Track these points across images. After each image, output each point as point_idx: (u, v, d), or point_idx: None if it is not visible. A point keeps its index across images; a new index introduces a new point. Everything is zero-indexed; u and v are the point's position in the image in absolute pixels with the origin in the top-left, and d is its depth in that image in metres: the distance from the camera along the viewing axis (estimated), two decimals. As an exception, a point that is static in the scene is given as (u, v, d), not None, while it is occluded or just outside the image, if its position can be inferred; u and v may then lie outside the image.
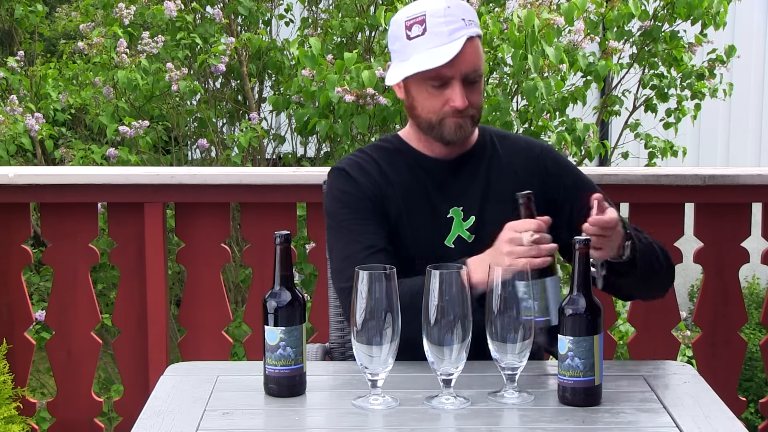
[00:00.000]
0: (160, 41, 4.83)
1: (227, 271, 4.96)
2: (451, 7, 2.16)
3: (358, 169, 2.26)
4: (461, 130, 2.20)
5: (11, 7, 6.04)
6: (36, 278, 5.15)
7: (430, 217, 2.24)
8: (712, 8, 4.93)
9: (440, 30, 2.13)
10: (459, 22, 2.15)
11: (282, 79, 5.18)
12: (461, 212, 2.24)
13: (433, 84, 2.16)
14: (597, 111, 5.68)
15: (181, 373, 2.09)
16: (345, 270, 2.17)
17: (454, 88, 2.15)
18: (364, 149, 2.33)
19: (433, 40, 2.14)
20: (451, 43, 2.13)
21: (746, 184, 3.10)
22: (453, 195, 2.25)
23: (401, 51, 2.19)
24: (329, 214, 2.28)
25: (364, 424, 1.80)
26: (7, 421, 3.05)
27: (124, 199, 3.14)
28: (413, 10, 2.18)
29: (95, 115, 5.06)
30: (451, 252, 2.21)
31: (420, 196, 2.25)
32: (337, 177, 2.28)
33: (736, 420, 1.81)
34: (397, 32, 2.20)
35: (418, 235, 2.22)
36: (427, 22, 2.14)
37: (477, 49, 2.18)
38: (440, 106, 2.18)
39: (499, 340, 1.82)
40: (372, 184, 2.24)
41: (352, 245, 2.19)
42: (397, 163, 2.28)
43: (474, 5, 4.66)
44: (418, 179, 2.26)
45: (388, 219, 2.23)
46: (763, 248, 3.19)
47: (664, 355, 3.17)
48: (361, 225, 2.21)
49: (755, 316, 6.30)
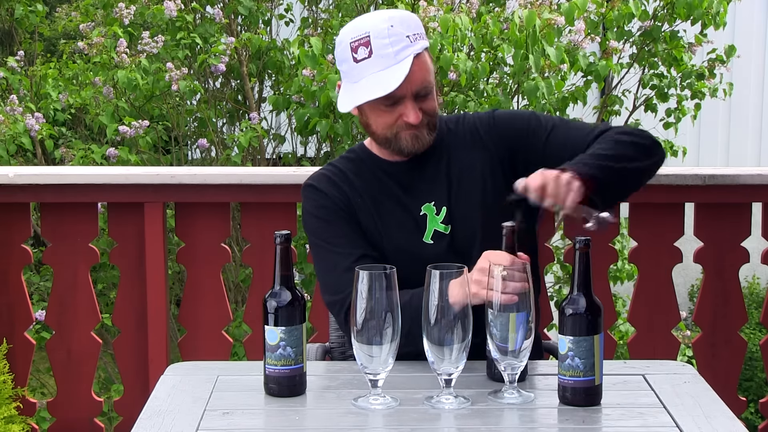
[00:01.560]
0: (160, 41, 4.83)
1: (227, 271, 4.96)
2: (395, 26, 2.13)
3: (326, 182, 2.29)
4: (418, 141, 2.21)
5: (11, 6, 6.04)
6: (36, 278, 5.15)
7: (404, 218, 2.25)
8: (712, 8, 4.94)
9: (386, 52, 2.12)
10: (404, 41, 2.13)
11: (282, 78, 5.19)
12: (433, 207, 2.25)
13: (385, 104, 2.16)
14: (597, 111, 5.68)
15: (181, 372, 2.09)
16: (330, 284, 2.20)
17: (405, 104, 2.16)
18: (333, 162, 2.35)
19: (379, 62, 2.12)
20: (399, 64, 2.12)
21: (746, 183, 3.10)
22: (422, 192, 2.26)
23: (350, 73, 2.18)
24: (308, 232, 2.30)
25: (365, 424, 1.80)
26: (7, 420, 3.05)
27: (124, 199, 3.14)
28: (356, 30, 2.16)
29: (95, 115, 5.06)
30: (431, 247, 2.22)
31: (390, 201, 2.26)
32: (308, 194, 2.30)
33: (736, 420, 1.80)
34: (343, 54, 2.18)
35: (396, 238, 2.23)
36: (372, 44, 2.12)
37: (425, 64, 2.17)
38: (394, 122, 2.19)
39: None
40: (341, 195, 2.26)
41: (333, 257, 2.21)
42: (363, 172, 2.29)
43: (474, 5, 4.66)
44: (385, 185, 2.27)
45: (363, 228, 2.24)
46: (763, 248, 3.19)
47: (664, 355, 3.17)
48: (339, 237, 2.23)
49: (755, 316, 6.30)
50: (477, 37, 4.42)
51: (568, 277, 5.21)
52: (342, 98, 2.22)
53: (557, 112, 4.71)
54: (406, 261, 2.12)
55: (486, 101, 4.50)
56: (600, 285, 3.14)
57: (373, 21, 2.16)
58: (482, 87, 4.63)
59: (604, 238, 3.16)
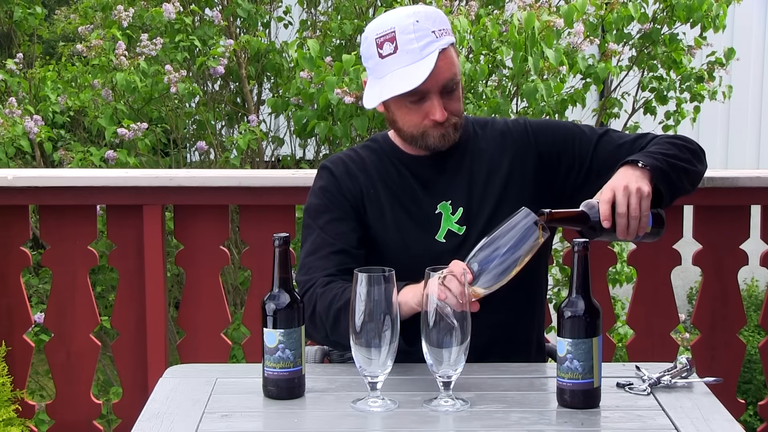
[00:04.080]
0: (158, 43, 4.83)
1: (226, 274, 4.96)
2: (420, 21, 2.13)
3: (342, 167, 2.28)
4: (444, 139, 2.21)
5: (10, 9, 6.04)
6: (35, 280, 5.15)
7: (418, 214, 2.24)
8: (711, 11, 4.94)
9: (411, 47, 2.12)
10: (429, 36, 2.12)
11: (281, 81, 5.19)
12: (449, 206, 2.24)
13: (411, 100, 2.16)
14: (596, 113, 5.69)
15: (180, 375, 2.09)
16: (305, 265, 2.20)
17: (432, 101, 2.15)
18: (356, 148, 2.35)
19: (405, 58, 2.12)
20: (424, 60, 2.11)
21: (745, 186, 3.09)
22: (440, 190, 2.26)
23: (375, 69, 2.18)
24: (305, 209, 2.30)
25: (363, 427, 1.80)
26: (6, 423, 3.05)
27: (123, 202, 3.14)
28: (382, 26, 2.16)
29: (94, 118, 5.06)
30: (443, 247, 2.22)
31: (406, 195, 2.26)
32: (321, 174, 2.31)
33: (735, 422, 1.81)
34: (369, 50, 2.18)
35: (408, 233, 2.23)
36: (398, 40, 2.12)
37: (451, 58, 2.16)
38: (420, 120, 2.18)
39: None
40: (353, 184, 2.26)
41: (317, 241, 2.21)
42: (383, 163, 2.29)
43: (473, 7, 4.66)
44: (404, 178, 2.27)
45: (371, 220, 2.24)
46: (762, 250, 3.19)
47: (663, 357, 3.17)
48: (331, 224, 2.23)
49: (754, 319, 6.30)
50: (476, 40, 4.42)
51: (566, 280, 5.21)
52: (367, 94, 2.22)
53: (556, 114, 4.71)
54: (414, 257, 2.13)
55: (485, 104, 4.50)
56: (599, 287, 3.14)
57: (398, 16, 2.15)
58: (481, 89, 4.63)
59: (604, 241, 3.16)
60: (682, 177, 2.21)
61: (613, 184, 2.09)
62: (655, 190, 2.13)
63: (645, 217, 2.09)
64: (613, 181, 2.10)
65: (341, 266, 2.15)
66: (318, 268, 2.17)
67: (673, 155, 2.21)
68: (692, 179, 2.28)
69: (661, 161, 2.16)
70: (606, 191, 2.08)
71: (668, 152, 2.21)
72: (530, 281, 2.26)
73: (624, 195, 2.06)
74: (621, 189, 2.06)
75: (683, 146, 2.27)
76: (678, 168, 2.19)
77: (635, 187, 2.07)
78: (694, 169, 2.27)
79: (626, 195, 2.06)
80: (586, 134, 2.32)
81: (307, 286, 2.15)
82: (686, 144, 2.29)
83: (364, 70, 2.33)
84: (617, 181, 2.09)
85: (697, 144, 2.33)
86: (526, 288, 2.25)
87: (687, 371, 2.00)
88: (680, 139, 2.31)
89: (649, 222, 2.11)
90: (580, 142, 2.30)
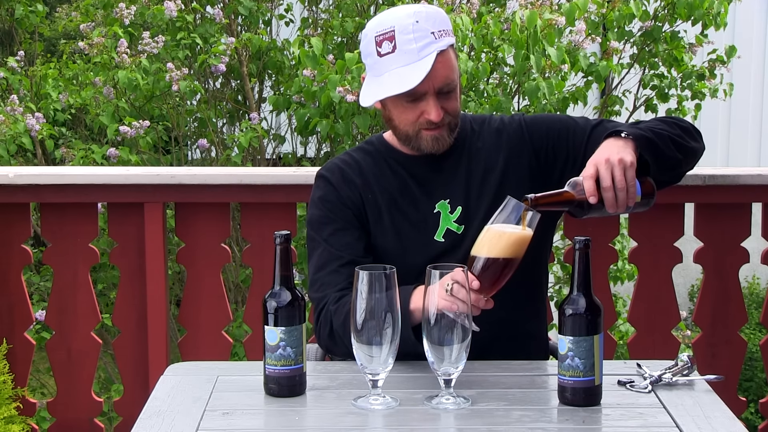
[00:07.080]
0: (160, 41, 4.83)
1: (227, 271, 4.96)
2: (420, 21, 2.12)
3: (339, 174, 2.28)
4: (438, 142, 2.20)
5: (11, 7, 6.04)
6: (36, 278, 5.15)
7: (416, 214, 2.24)
8: (712, 9, 4.93)
9: (410, 48, 2.11)
10: (428, 37, 2.11)
11: (282, 79, 5.19)
12: (448, 205, 2.24)
13: (406, 99, 2.16)
14: (597, 111, 5.68)
15: (181, 373, 2.09)
16: (316, 281, 2.21)
17: (428, 101, 2.15)
18: (350, 152, 2.34)
19: (402, 58, 2.11)
20: (421, 61, 2.10)
21: (746, 184, 3.09)
22: (438, 190, 2.26)
23: (373, 67, 2.18)
24: (308, 221, 2.30)
25: (365, 424, 1.80)
26: (7, 421, 3.05)
27: (124, 199, 3.14)
28: (382, 24, 2.15)
29: (95, 115, 5.07)
30: (442, 246, 2.22)
31: (404, 196, 2.25)
32: (319, 183, 2.30)
33: (736, 420, 1.80)
34: (367, 47, 2.18)
35: (407, 233, 2.23)
36: (397, 39, 2.11)
37: (449, 61, 2.16)
38: (416, 118, 2.18)
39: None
40: (351, 191, 2.25)
41: (324, 255, 2.22)
42: (379, 165, 2.28)
43: (474, 6, 4.66)
44: (401, 180, 2.27)
45: (370, 225, 2.24)
46: (763, 248, 3.18)
47: (664, 355, 3.17)
48: (335, 235, 2.23)
49: (755, 316, 6.30)
50: (477, 38, 4.42)
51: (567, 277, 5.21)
52: (364, 92, 2.21)
53: (557, 112, 4.71)
54: (413, 257, 2.13)
55: (486, 102, 4.50)
56: (600, 285, 3.14)
57: (398, 15, 2.14)
58: (483, 87, 4.63)
59: (605, 239, 3.16)
60: (669, 145, 2.16)
61: (595, 159, 2.05)
62: (643, 159, 2.10)
63: (632, 188, 2.04)
64: (595, 156, 2.07)
65: (351, 278, 2.15)
66: (329, 285, 2.18)
67: (660, 128, 2.18)
68: (684, 151, 2.21)
69: (646, 130, 2.13)
70: (589, 167, 2.04)
71: (656, 126, 2.19)
72: (530, 278, 2.26)
73: (607, 168, 2.01)
74: (603, 162, 2.02)
75: (674, 123, 2.24)
76: (664, 137, 2.15)
77: (617, 158, 2.02)
78: (684, 143, 2.21)
79: (609, 167, 2.01)
80: (580, 126, 2.30)
81: (321, 304, 2.16)
82: (677, 122, 2.26)
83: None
84: (599, 155, 2.05)
85: (691, 124, 2.29)
86: (527, 285, 2.25)
87: (688, 369, 2.00)
88: (673, 119, 2.28)
89: (637, 191, 2.06)
90: (574, 134, 2.28)
